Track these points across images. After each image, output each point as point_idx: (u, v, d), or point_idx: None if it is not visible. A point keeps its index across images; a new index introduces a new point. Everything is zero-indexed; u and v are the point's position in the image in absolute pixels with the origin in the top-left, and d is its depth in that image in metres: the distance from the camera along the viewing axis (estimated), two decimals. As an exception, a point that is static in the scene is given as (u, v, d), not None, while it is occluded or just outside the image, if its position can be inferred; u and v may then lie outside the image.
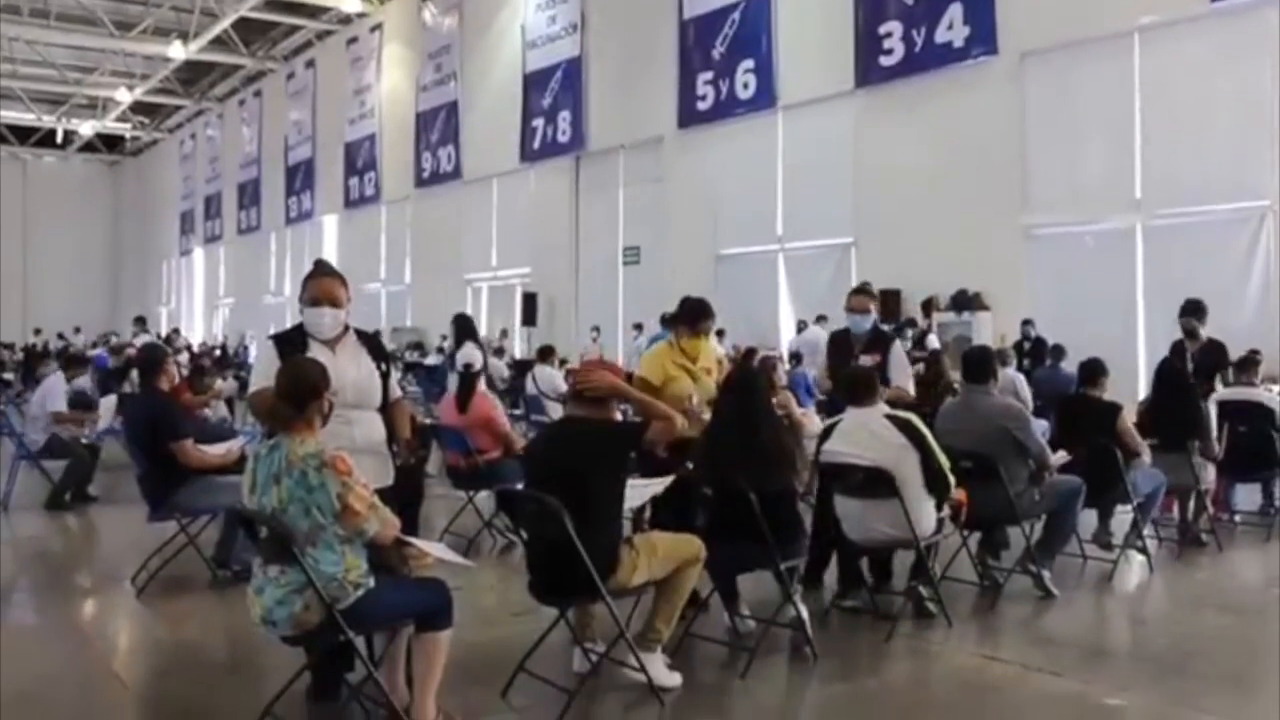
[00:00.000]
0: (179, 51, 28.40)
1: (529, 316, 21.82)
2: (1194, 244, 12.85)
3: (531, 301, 21.92)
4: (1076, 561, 6.64)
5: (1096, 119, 13.76)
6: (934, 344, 13.87)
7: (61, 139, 40.82)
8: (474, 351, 8.98)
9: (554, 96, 22.01)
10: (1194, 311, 8.60)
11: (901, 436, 5.20)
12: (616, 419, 4.65)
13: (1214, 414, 7.52)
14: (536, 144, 22.58)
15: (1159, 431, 7.00)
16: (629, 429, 4.58)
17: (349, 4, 26.39)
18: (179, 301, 41.91)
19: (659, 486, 4.87)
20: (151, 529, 6.60)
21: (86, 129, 39.00)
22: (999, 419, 5.89)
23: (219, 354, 24.88)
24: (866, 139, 16.28)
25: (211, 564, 6.40)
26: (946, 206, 14.74)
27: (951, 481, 5.27)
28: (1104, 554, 6.67)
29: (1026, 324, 13.52)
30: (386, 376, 4.47)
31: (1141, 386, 10.63)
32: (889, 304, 15.38)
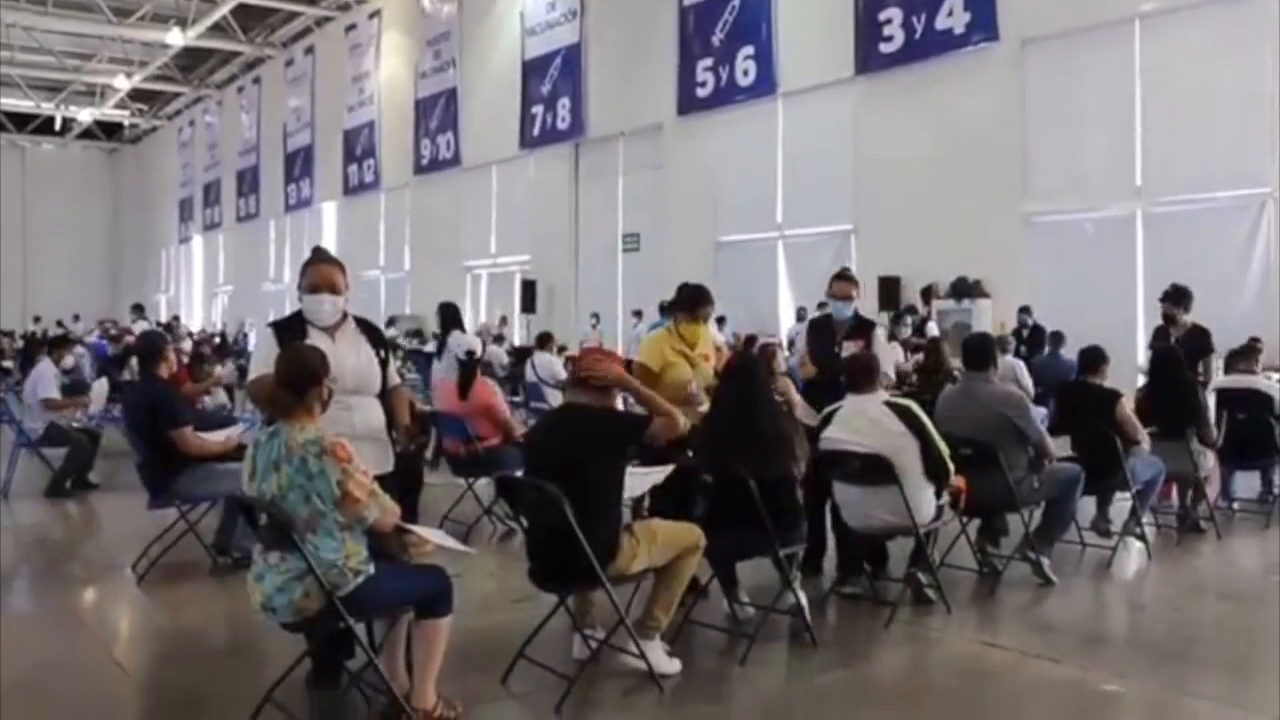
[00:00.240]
0: (177, 38, 28.34)
1: (528, 304, 21.82)
2: (1194, 231, 12.84)
3: (531, 289, 21.91)
4: (1075, 549, 6.65)
5: (1097, 106, 13.74)
6: (933, 331, 13.89)
7: (60, 126, 40.70)
8: (474, 338, 9.01)
9: (553, 83, 21.97)
10: (1175, 298, 8.55)
11: (901, 424, 5.20)
12: (618, 407, 4.65)
13: (1211, 402, 7.52)
14: (536, 131, 22.54)
15: (1157, 419, 7.00)
16: (631, 421, 4.57)
17: (347, -10, 26.37)
18: (178, 289, 41.89)
19: (659, 475, 4.86)
20: (152, 516, 6.60)
21: (85, 116, 38.92)
22: (999, 406, 5.89)
23: (218, 342, 24.86)
24: (866, 126, 16.26)
25: (212, 551, 6.40)
26: (946, 193, 14.73)
27: (951, 468, 5.28)
28: (1103, 541, 6.68)
29: (1023, 311, 13.51)
30: (385, 363, 4.47)
31: (1141, 374, 10.63)
32: (889, 291, 15.41)
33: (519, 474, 4.92)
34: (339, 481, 3.64)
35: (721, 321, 16.41)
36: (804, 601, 5.02)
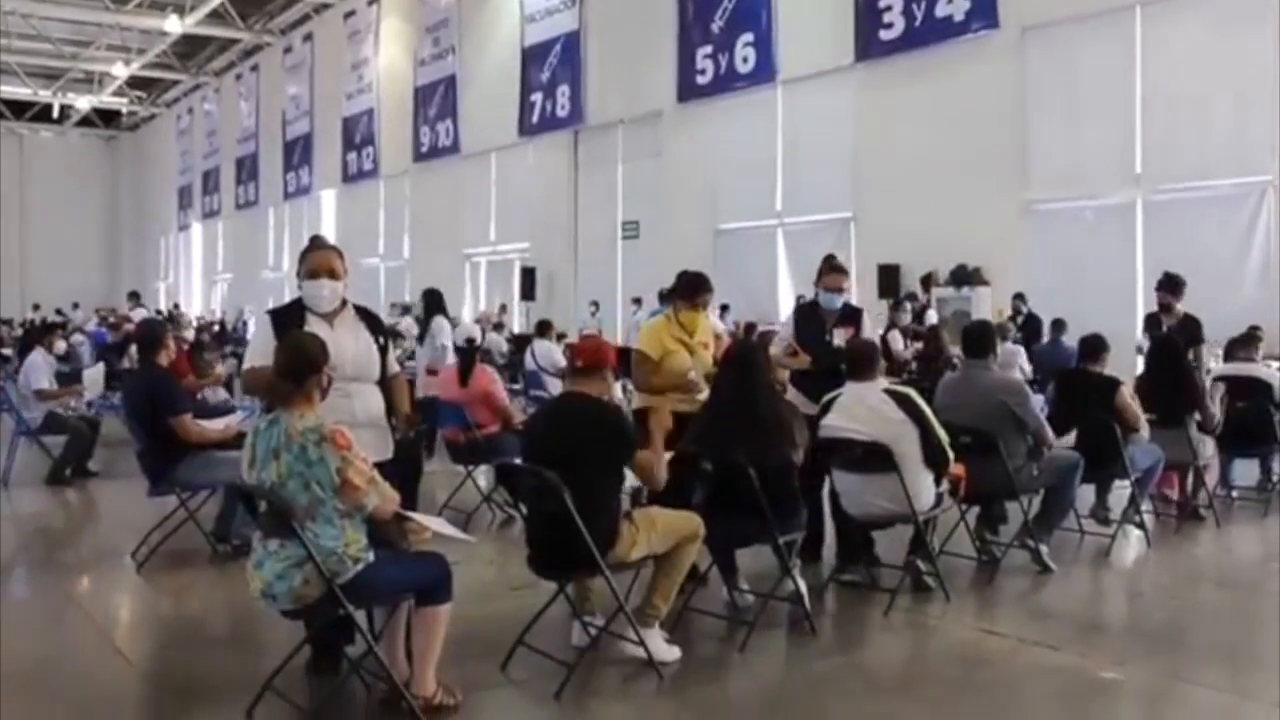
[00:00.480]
0: (175, 25, 28.26)
1: (528, 291, 21.80)
2: (1194, 219, 12.83)
3: (530, 276, 21.89)
4: (1074, 536, 6.66)
5: (1098, 93, 13.70)
6: (933, 319, 13.88)
7: (58, 114, 40.63)
8: (473, 326, 9.02)
9: (552, 71, 21.91)
10: (1170, 286, 8.54)
11: (900, 411, 5.20)
12: (616, 394, 4.64)
13: (1209, 386, 7.52)
14: (535, 118, 22.49)
15: (1156, 407, 6.99)
16: (627, 438, 4.46)
17: (346, -23, 26.28)
18: (177, 277, 41.85)
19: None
20: (151, 504, 6.60)
21: (83, 104, 38.83)
22: (998, 393, 5.89)
23: (217, 329, 24.85)
24: (866, 113, 16.22)
25: (211, 539, 6.40)
26: (946, 181, 14.69)
27: (950, 456, 5.28)
28: (1101, 529, 6.69)
29: (1018, 298, 13.49)
30: (385, 351, 4.47)
31: (1140, 361, 10.63)
32: (888, 279, 15.40)
33: (518, 461, 4.92)
34: (338, 469, 3.64)
35: (725, 309, 16.43)
36: (803, 589, 5.03)
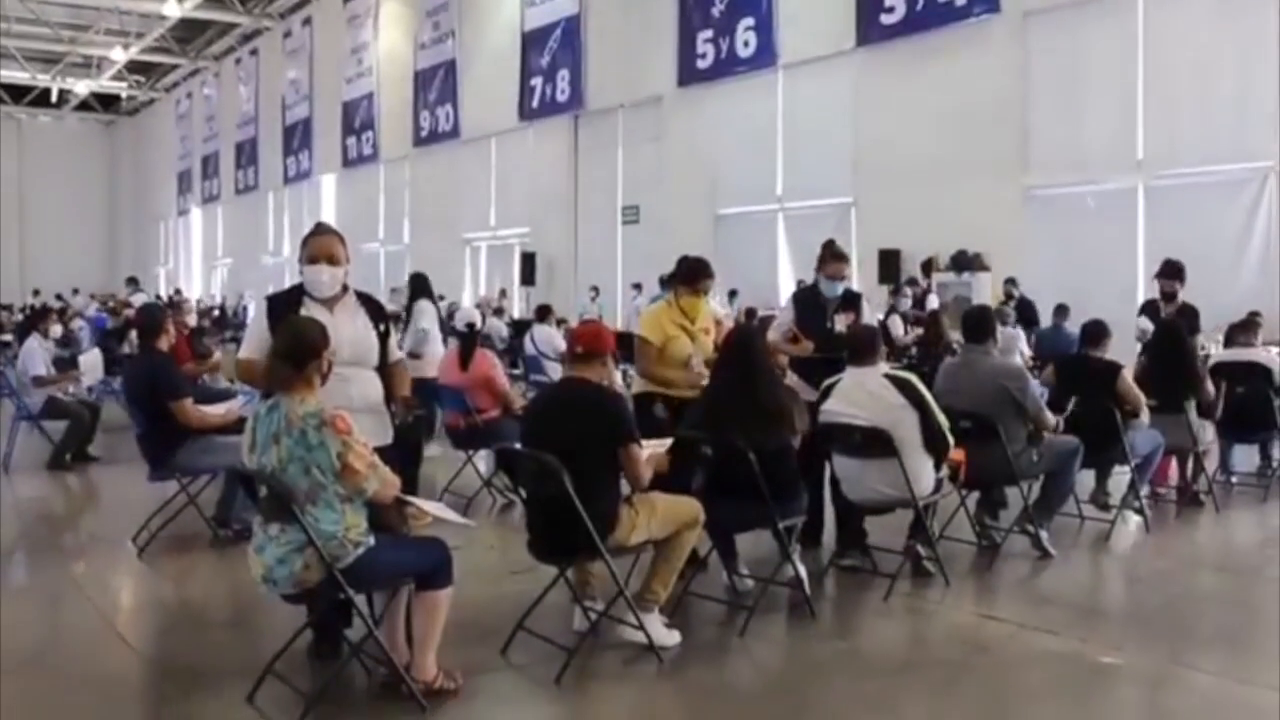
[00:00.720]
0: (174, 9, 28.15)
1: (528, 276, 21.79)
2: (1196, 205, 12.82)
3: (530, 261, 21.88)
4: (1074, 521, 6.66)
5: (1099, 79, 13.68)
6: (933, 304, 13.88)
7: (56, 98, 40.55)
8: (473, 310, 8.99)
9: (553, 55, 21.84)
10: (1173, 273, 8.51)
11: (900, 396, 5.20)
12: (616, 379, 4.63)
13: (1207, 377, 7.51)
14: (535, 103, 22.44)
15: (1156, 392, 6.98)
16: (627, 429, 4.44)
17: (346, -39, 26.17)
18: (177, 261, 41.82)
19: (658, 449, 4.86)
20: (152, 489, 6.61)
21: (81, 88, 38.74)
22: (998, 378, 5.88)
23: (217, 314, 24.84)
24: (867, 98, 16.18)
25: (212, 523, 6.41)
26: (947, 166, 14.67)
27: (950, 441, 5.28)
28: (1101, 514, 6.69)
29: (1009, 283, 13.47)
30: (386, 337, 4.46)
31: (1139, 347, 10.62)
32: (889, 264, 15.38)
33: (518, 446, 4.92)
34: (339, 453, 3.64)
35: (733, 295, 16.42)
36: (803, 573, 5.04)
